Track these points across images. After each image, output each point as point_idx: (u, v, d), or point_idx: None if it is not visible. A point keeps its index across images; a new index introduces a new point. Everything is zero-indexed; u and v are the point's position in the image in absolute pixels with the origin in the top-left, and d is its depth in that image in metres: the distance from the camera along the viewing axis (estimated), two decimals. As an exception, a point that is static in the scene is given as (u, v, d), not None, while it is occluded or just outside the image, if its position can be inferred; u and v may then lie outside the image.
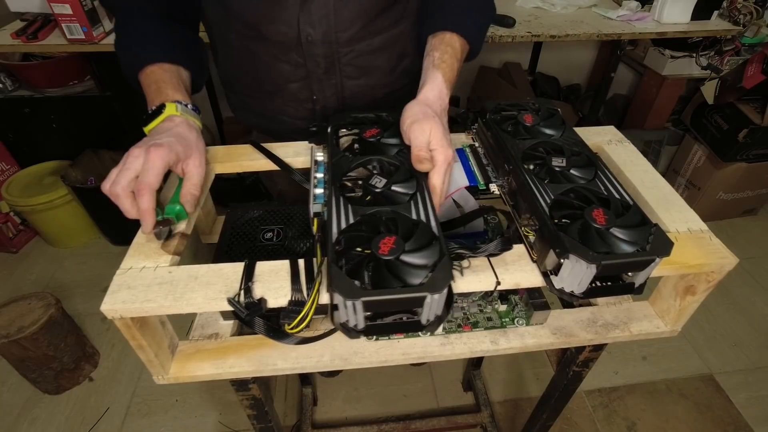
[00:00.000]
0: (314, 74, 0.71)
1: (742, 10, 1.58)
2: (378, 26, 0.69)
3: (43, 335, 1.23)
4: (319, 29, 0.66)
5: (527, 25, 1.43)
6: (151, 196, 0.47)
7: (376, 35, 0.70)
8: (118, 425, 1.30)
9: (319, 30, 0.66)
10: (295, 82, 0.72)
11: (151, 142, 0.50)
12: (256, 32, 0.67)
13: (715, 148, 1.85)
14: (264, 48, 0.69)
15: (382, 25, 0.70)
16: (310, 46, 0.67)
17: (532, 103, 0.63)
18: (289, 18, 0.65)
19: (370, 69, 0.73)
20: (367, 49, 0.71)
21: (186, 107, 0.57)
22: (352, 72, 0.72)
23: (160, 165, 0.48)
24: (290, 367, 0.51)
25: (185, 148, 0.52)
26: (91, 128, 1.76)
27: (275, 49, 0.69)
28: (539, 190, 0.48)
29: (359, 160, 0.53)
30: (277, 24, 0.65)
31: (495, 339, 0.54)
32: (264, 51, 0.70)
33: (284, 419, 1.33)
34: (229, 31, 0.70)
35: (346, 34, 0.68)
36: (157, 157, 0.48)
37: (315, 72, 0.71)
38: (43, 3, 1.24)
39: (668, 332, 0.56)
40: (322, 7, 0.64)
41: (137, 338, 0.45)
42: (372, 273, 0.39)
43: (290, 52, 0.69)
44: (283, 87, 0.73)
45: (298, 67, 0.70)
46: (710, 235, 0.50)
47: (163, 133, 0.53)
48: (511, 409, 1.37)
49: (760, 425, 1.32)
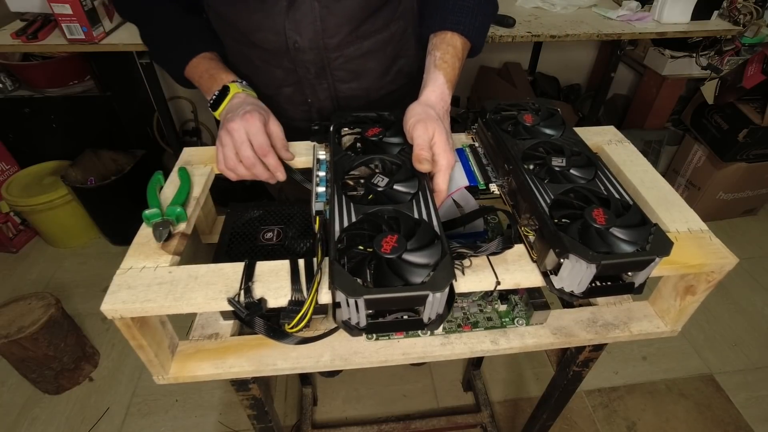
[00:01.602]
0: (305, 79, 0.71)
1: (742, 10, 1.58)
2: (367, 30, 0.69)
3: (43, 335, 1.23)
4: (305, 36, 0.66)
5: (527, 25, 1.43)
6: (273, 153, 0.57)
7: (365, 39, 0.70)
8: (118, 425, 1.30)
9: (306, 37, 0.66)
10: (288, 87, 0.73)
11: (240, 112, 0.56)
12: (247, 39, 0.68)
13: (715, 148, 1.85)
14: (256, 54, 0.70)
15: (371, 29, 0.69)
16: (298, 52, 0.67)
17: (532, 103, 0.63)
18: (275, 26, 0.65)
19: (362, 72, 0.73)
20: (357, 53, 0.70)
21: (243, 83, 0.64)
22: (344, 76, 0.72)
23: (261, 126, 0.56)
24: (290, 367, 0.51)
25: (264, 112, 0.59)
26: (91, 128, 1.76)
27: (267, 55, 0.69)
28: (539, 190, 0.48)
29: (361, 159, 0.53)
30: (265, 32, 0.66)
31: (495, 339, 0.54)
32: (257, 56, 0.70)
33: (284, 419, 1.33)
34: (225, 36, 0.71)
35: (333, 40, 0.67)
36: (256, 120, 0.56)
37: (306, 77, 0.71)
38: (43, 3, 1.23)
39: (668, 332, 0.56)
40: (308, 14, 0.64)
41: (137, 338, 0.45)
42: (374, 271, 0.40)
43: (280, 58, 0.69)
44: (278, 91, 0.74)
45: (289, 73, 0.71)
46: (710, 235, 0.50)
47: (239, 107, 0.59)
48: (511, 409, 1.37)
49: (760, 425, 1.32)
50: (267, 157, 0.56)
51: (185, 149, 0.65)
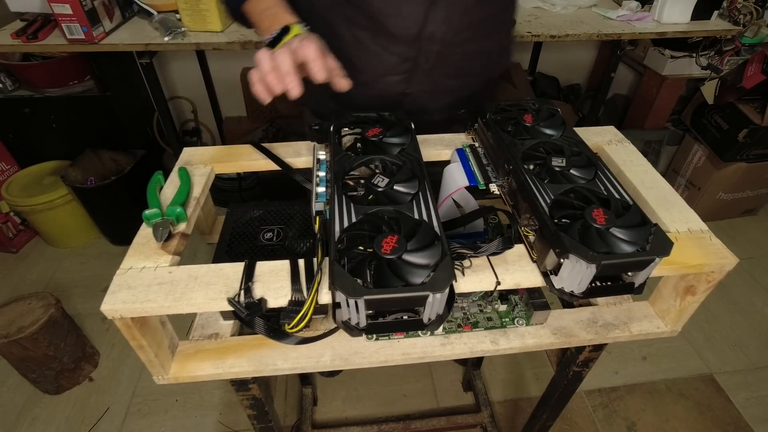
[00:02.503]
0: (420, 69, 0.71)
1: (742, 10, 1.58)
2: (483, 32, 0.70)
3: (43, 335, 1.23)
4: (442, 27, 0.66)
5: (527, 25, 1.43)
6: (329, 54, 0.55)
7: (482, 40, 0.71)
8: (118, 425, 1.30)
9: (442, 29, 0.66)
10: (396, 75, 0.72)
11: None
12: (372, 22, 0.67)
13: (715, 148, 1.85)
14: (374, 38, 0.68)
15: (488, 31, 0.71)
16: (428, 42, 0.67)
17: (532, 103, 0.63)
18: (414, 13, 0.64)
19: (466, 71, 0.74)
20: (471, 49, 0.71)
21: (305, 27, 0.61)
22: (451, 71, 0.72)
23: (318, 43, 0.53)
24: (290, 367, 0.51)
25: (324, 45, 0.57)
26: (91, 128, 1.76)
27: (387, 41, 0.68)
28: (539, 190, 0.48)
29: (361, 159, 0.53)
30: (402, 17, 0.65)
31: (495, 339, 0.54)
32: (373, 41, 0.69)
33: (284, 419, 1.33)
34: (336, 17, 0.69)
35: (461, 36, 0.68)
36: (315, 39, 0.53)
37: (422, 67, 0.70)
38: (43, 3, 1.23)
39: (668, 332, 0.56)
40: (458, 4, 0.64)
41: (137, 338, 0.45)
42: (374, 272, 0.40)
43: (404, 45, 0.68)
44: (380, 79, 0.73)
45: (405, 61, 0.70)
46: (710, 235, 0.50)
47: None
48: (511, 409, 1.37)
49: (760, 425, 1.32)
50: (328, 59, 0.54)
51: (185, 149, 0.65)
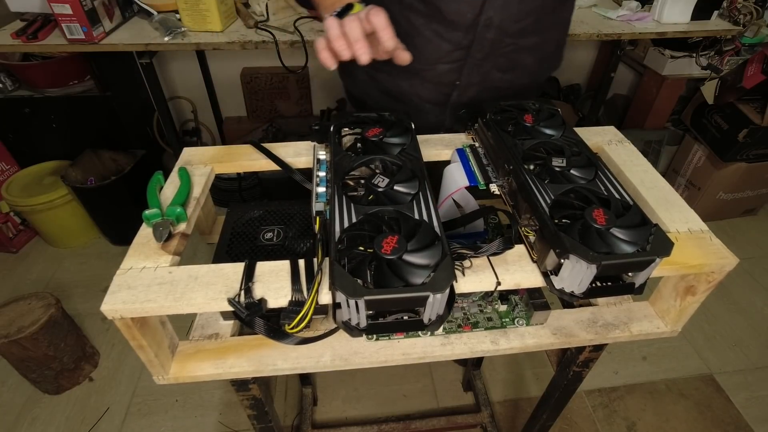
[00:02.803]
0: (473, 58, 0.70)
1: (742, 10, 1.58)
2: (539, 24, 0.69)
3: (43, 335, 1.23)
4: (500, 15, 0.65)
5: (527, 25, 1.43)
6: None
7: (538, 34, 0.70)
8: (118, 425, 1.30)
9: (500, 16, 0.65)
10: (448, 63, 0.71)
11: None
12: (427, 7, 0.66)
13: (715, 148, 1.85)
14: (428, 24, 0.68)
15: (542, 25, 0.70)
16: (485, 29, 0.66)
17: (532, 103, 0.63)
18: None
19: (518, 65, 0.73)
20: (526, 44, 0.70)
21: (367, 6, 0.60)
22: (503, 64, 0.71)
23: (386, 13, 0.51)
24: (290, 367, 0.51)
25: None
26: (91, 128, 1.76)
27: (442, 27, 0.67)
28: (539, 191, 0.48)
29: (362, 159, 0.53)
30: (461, 3, 0.64)
31: (495, 339, 0.54)
32: (427, 27, 0.68)
33: (284, 419, 1.33)
34: (391, 1, 0.68)
35: (518, 25, 0.67)
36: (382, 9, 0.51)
37: (474, 56, 0.69)
38: (43, 3, 1.23)
39: (668, 332, 0.56)
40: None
41: (137, 338, 0.45)
42: (374, 272, 0.40)
43: (460, 31, 0.67)
44: (431, 67, 0.72)
45: (458, 49, 0.69)
46: (710, 235, 0.50)
47: None
48: (511, 409, 1.37)
49: (760, 425, 1.32)
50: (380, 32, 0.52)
51: (185, 149, 0.65)
